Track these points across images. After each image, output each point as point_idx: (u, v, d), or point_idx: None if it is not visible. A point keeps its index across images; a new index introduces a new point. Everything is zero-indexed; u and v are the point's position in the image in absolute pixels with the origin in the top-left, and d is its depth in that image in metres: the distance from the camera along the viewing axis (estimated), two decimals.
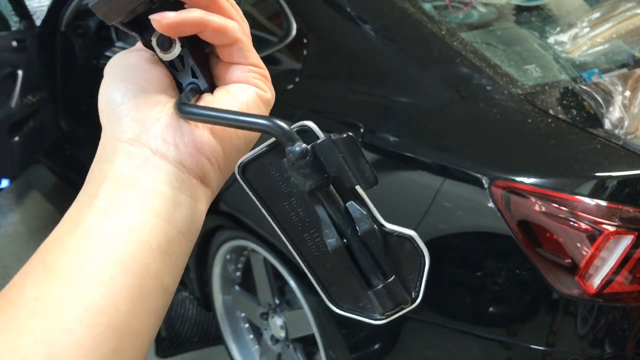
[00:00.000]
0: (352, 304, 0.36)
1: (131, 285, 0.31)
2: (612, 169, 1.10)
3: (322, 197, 0.35)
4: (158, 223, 0.34)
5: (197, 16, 0.36)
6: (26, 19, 2.82)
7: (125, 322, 0.30)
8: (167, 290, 0.34)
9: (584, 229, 1.05)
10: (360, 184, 0.33)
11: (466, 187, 1.20)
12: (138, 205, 0.34)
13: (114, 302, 0.30)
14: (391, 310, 0.35)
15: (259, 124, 0.34)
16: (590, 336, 1.13)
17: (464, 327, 1.28)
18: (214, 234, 1.88)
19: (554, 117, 1.20)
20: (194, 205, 0.37)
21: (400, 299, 0.34)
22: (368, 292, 0.35)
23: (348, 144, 0.33)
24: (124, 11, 0.35)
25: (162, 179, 0.36)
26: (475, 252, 1.26)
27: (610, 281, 1.06)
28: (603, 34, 1.64)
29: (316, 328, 1.57)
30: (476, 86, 1.30)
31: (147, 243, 0.33)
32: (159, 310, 0.34)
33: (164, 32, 0.36)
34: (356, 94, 1.49)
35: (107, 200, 0.34)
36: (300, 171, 0.34)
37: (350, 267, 0.34)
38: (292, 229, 0.36)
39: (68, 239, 0.33)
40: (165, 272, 0.34)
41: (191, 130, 0.37)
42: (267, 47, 1.77)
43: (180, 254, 0.36)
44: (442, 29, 1.41)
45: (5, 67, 2.59)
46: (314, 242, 0.36)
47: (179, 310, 2.49)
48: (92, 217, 0.34)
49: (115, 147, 0.36)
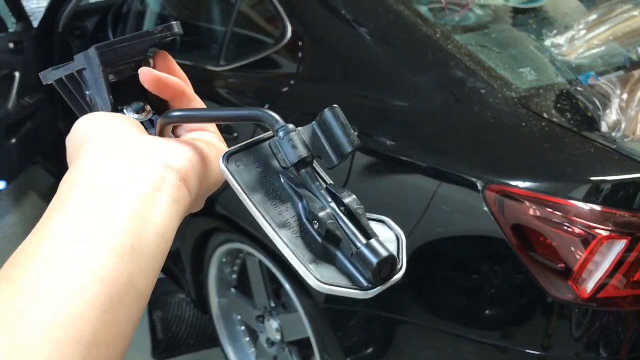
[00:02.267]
0: (337, 279, 0.35)
1: (101, 293, 0.30)
2: (605, 173, 1.10)
3: (307, 173, 0.37)
4: (133, 225, 0.33)
5: (176, 81, 0.44)
6: (23, 20, 2.82)
7: (94, 333, 0.29)
8: (142, 294, 0.33)
9: (577, 233, 1.05)
10: (345, 148, 0.37)
11: (460, 191, 1.20)
12: (112, 206, 0.34)
13: (82, 312, 0.29)
14: (378, 274, 0.34)
15: (249, 114, 0.39)
16: (584, 340, 1.13)
17: (459, 331, 1.27)
18: (210, 237, 1.88)
19: (548, 120, 1.19)
20: (174, 206, 0.37)
21: (385, 254, 0.34)
22: (354, 254, 0.35)
23: (329, 118, 0.38)
24: (120, 63, 0.43)
25: (141, 176, 0.36)
26: (469, 255, 1.26)
27: (604, 285, 1.06)
28: (600, 36, 1.63)
29: (311, 331, 1.57)
30: (470, 89, 1.29)
31: (120, 246, 0.32)
32: (133, 316, 0.32)
33: (149, 85, 0.43)
34: (351, 97, 1.48)
35: (79, 202, 0.34)
36: (289, 144, 0.37)
37: (342, 234, 0.35)
38: (272, 215, 0.37)
39: (36, 247, 0.32)
40: (139, 275, 0.33)
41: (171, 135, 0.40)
42: (262, 49, 1.77)
43: (157, 255, 0.35)
44: (436, 31, 1.41)
45: (3, 68, 2.59)
46: (293, 226, 0.37)
47: (175, 312, 2.48)
48: (62, 222, 0.33)
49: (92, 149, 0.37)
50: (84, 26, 2.85)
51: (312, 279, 0.34)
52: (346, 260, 0.35)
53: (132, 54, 0.44)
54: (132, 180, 0.35)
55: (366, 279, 0.35)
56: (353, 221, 0.36)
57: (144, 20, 2.54)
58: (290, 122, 0.38)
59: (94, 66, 0.44)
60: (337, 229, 0.36)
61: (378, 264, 0.34)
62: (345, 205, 0.36)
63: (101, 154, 0.37)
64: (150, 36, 0.44)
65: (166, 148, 0.39)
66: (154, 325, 2.41)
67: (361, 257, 0.35)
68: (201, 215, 1.90)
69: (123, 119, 0.41)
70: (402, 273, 0.36)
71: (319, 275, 0.34)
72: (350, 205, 0.36)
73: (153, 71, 0.43)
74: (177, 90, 0.45)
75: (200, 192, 0.41)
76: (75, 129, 0.41)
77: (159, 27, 0.45)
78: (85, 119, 0.41)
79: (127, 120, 0.41)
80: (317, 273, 0.34)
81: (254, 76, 1.82)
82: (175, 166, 0.38)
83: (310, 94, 1.60)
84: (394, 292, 1.41)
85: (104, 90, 0.44)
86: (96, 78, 0.45)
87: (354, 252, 0.35)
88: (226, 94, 1.89)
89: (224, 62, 1.90)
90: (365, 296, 0.35)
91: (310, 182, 0.37)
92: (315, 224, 0.36)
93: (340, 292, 0.34)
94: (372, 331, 1.45)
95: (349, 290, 0.34)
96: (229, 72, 1.86)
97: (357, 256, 0.35)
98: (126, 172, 0.36)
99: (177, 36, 0.45)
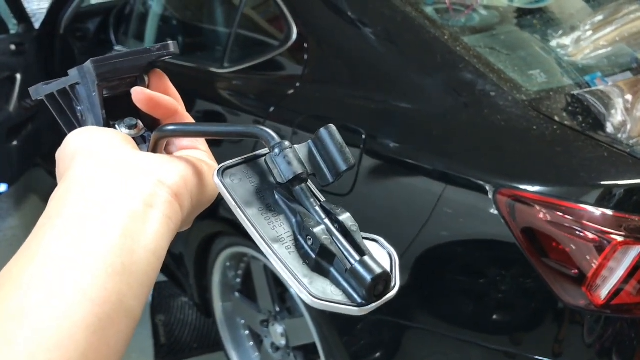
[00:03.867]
0: (331, 295, 0.35)
1: (90, 314, 0.30)
2: (619, 177, 1.08)
3: (302, 189, 0.38)
4: (124, 242, 0.33)
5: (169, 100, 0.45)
6: (25, 22, 2.81)
7: (82, 355, 0.29)
8: (132, 313, 0.32)
9: (591, 238, 1.03)
10: (341, 166, 0.38)
11: (470, 195, 1.18)
12: (103, 222, 0.33)
13: (70, 334, 0.29)
14: (372, 291, 0.34)
15: (245, 131, 0.40)
16: (597, 347, 1.11)
17: (467, 337, 1.26)
18: (214, 241, 1.87)
19: (559, 123, 1.18)
20: (166, 223, 0.36)
21: (379, 270, 0.34)
22: (348, 270, 0.35)
23: (325, 137, 0.38)
24: (116, 78, 0.44)
25: (134, 192, 0.35)
26: (479, 260, 1.24)
27: (618, 292, 1.04)
28: (606, 37, 1.62)
29: (317, 336, 1.56)
30: (480, 92, 1.28)
31: (111, 265, 0.32)
32: (123, 336, 0.32)
33: (142, 104, 0.43)
34: (358, 99, 1.47)
35: (70, 218, 0.33)
36: (283, 161, 0.37)
37: (336, 250, 0.35)
38: (266, 230, 0.37)
39: (24, 267, 0.31)
40: (129, 294, 0.32)
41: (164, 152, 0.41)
42: (267, 51, 1.75)
43: (148, 273, 0.34)
44: (444, 33, 1.39)
45: (4, 70, 2.58)
46: (287, 242, 0.37)
47: (178, 316, 2.47)
48: (50, 240, 0.32)
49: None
50: (85, 28, 2.84)
51: (305, 295, 0.34)
52: (340, 277, 0.35)
53: (129, 70, 0.44)
54: (124, 196, 0.35)
55: (360, 296, 0.34)
56: (347, 238, 0.36)
57: (147, 22, 2.53)
58: (296, 125, 0.38)
59: (89, 79, 0.44)
60: (331, 245, 0.35)
61: (372, 281, 0.34)
62: (340, 222, 0.37)
63: (92, 169, 0.37)
64: (148, 53, 0.45)
65: (159, 164, 0.39)
66: (157, 329, 2.40)
67: (355, 273, 0.34)
68: (205, 219, 1.89)
69: (115, 134, 0.41)
70: (396, 292, 0.36)
71: (313, 291, 0.34)
72: (345, 222, 0.36)
73: (146, 91, 0.44)
74: (169, 110, 0.45)
75: (192, 209, 0.41)
76: (66, 143, 0.41)
77: (156, 45, 0.45)
78: (77, 133, 0.41)
79: (119, 135, 0.41)
80: (311, 288, 0.34)
81: (258, 78, 1.80)
82: (168, 182, 0.38)
83: (316, 96, 1.58)
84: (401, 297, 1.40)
85: (98, 105, 0.45)
86: (90, 92, 0.45)
87: (348, 268, 0.35)
88: (230, 97, 1.87)
89: (228, 64, 1.88)
90: (359, 313, 0.34)
91: (305, 199, 0.38)
92: (309, 240, 0.36)
93: (333, 308, 0.34)
94: (378, 336, 1.43)
95: (343, 307, 0.34)
96: (233, 74, 1.85)
97: (351, 273, 0.35)
98: (118, 188, 0.35)
99: (173, 55, 0.46)
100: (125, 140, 0.41)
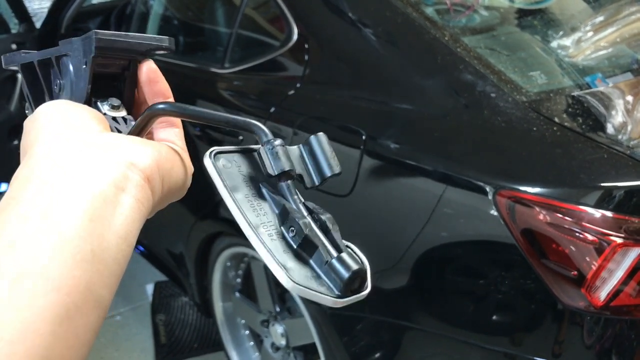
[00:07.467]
0: (309, 283, 0.36)
1: (56, 303, 0.28)
2: (619, 179, 1.08)
3: (288, 186, 0.39)
4: (94, 227, 0.31)
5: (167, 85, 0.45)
6: (26, 22, 2.81)
7: (48, 347, 0.27)
8: (101, 302, 0.31)
9: (590, 240, 1.03)
10: (326, 172, 0.39)
11: (470, 196, 1.18)
12: (71, 206, 0.31)
13: (35, 326, 0.27)
14: (349, 286, 0.35)
15: (241, 122, 0.40)
16: (596, 348, 1.11)
17: (467, 337, 1.26)
18: (214, 241, 1.87)
19: (559, 125, 1.18)
20: (137, 207, 0.34)
21: (356, 267, 0.35)
22: (327, 263, 0.36)
23: (315, 144, 0.40)
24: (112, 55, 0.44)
25: (104, 174, 0.33)
26: (478, 261, 1.24)
27: (618, 293, 1.04)
28: (607, 37, 1.62)
29: (317, 336, 1.56)
30: (480, 93, 1.28)
31: (79, 252, 0.30)
32: (92, 326, 0.30)
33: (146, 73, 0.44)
34: (358, 100, 1.47)
35: (34, 201, 0.31)
36: (275, 155, 0.38)
37: (318, 242, 0.37)
38: (251, 216, 0.38)
39: None
40: (99, 282, 0.30)
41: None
42: (268, 52, 1.75)
43: (119, 260, 0.32)
44: (445, 34, 1.39)
45: (5, 70, 2.57)
46: (270, 230, 0.38)
47: (179, 315, 2.47)
48: (13, 224, 0.30)
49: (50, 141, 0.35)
50: (87, 27, 2.84)
51: (285, 279, 0.35)
52: (319, 269, 0.36)
53: (126, 51, 0.44)
54: (93, 179, 0.33)
55: (337, 289, 0.36)
56: (327, 236, 0.37)
57: (148, 21, 2.53)
58: (296, 126, 0.39)
59: (86, 50, 0.43)
60: (314, 238, 0.37)
61: (351, 275, 0.35)
62: (322, 220, 0.38)
63: (60, 147, 0.35)
64: (147, 41, 0.45)
65: (131, 146, 0.37)
66: (157, 329, 2.40)
67: (333, 267, 0.36)
68: (206, 219, 1.89)
69: (90, 112, 0.39)
70: (367, 292, 0.37)
71: (294, 276, 0.35)
72: (326, 221, 0.38)
73: (153, 64, 0.45)
74: (164, 94, 0.45)
75: (163, 195, 0.39)
76: (37, 114, 0.39)
77: (155, 36, 0.46)
78: (51, 105, 0.39)
79: (93, 113, 0.39)
80: (291, 273, 0.35)
81: (259, 79, 1.81)
82: (140, 165, 0.36)
83: (317, 97, 1.58)
84: (401, 297, 1.41)
85: (85, 79, 0.44)
86: (80, 64, 0.44)
87: (328, 261, 0.36)
88: (231, 97, 1.87)
89: (228, 64, 1.88)
90: (334, 305, 0.36)
91: (289, 195, 0.39)
92: (292, 231, 0.37)
93: (312, 295, 0.35)
94: (379, 337, 1.44)
95: (321, 296, 0.35)
96: (234, 74, 1.85)
97: (330, 266, 0.36)
98: (87, 169, 0.33)
99: (168, 51, 0.46)
100: (99, 120, 0.39)
